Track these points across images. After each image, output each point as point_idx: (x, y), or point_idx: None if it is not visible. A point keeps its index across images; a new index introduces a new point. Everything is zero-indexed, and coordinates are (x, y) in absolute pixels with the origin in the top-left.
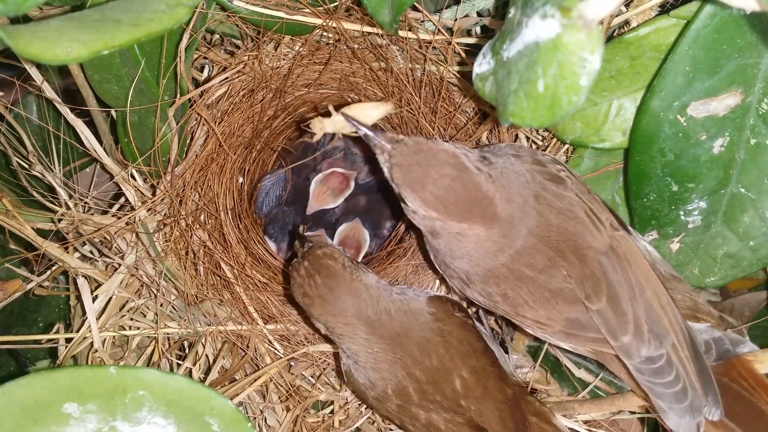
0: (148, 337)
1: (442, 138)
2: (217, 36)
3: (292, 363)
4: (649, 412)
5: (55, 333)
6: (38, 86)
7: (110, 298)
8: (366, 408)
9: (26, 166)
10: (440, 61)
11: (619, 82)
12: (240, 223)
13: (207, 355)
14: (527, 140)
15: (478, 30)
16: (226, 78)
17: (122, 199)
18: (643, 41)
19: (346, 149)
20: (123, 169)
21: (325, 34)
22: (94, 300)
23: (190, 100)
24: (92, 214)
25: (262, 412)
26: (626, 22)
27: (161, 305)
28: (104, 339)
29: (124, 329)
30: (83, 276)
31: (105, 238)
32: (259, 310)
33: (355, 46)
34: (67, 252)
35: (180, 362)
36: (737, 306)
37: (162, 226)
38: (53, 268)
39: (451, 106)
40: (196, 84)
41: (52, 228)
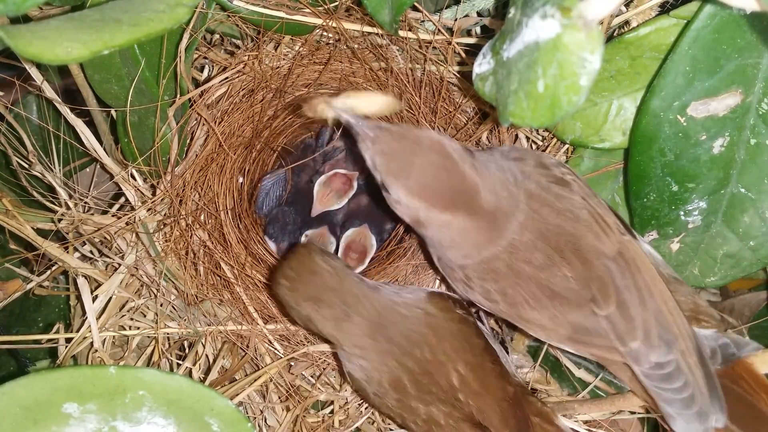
0: (148, 337)
1: None
2: (217, 36)
3: (292, 363)
4: (649, 412)
5: (55, 333)
6: (38, 86)
7: (110, 298)
8: (366, 408)
9: (26, 166)
10: (440, 61)
11: (619, 82)
12: (240, 223)
13: (207, 355)
14: (527, 140)
15: (478, 30)
16: (226, 78)
17: (122, 199)
18: (643, 41)
19: (347, 149)
20: (123, 169)
21: (325, 34)
22: (94, 300)
23: (190, 100)
24: (92, 214)
25: (262, 412)
26: (626, 22)
27: (161, 305)
28: (104, 339)
29: (124, 329)
30: (83, 276)
31: (105, 238)
32: (259, 310)
33: (355, 46)
34: (67, 252)
35: (180, 362)
36: (737, 306)
37: (162, 226)
38: (53, 268)
39: (451, 106)
40: (196, 84)
41: (52, 228)
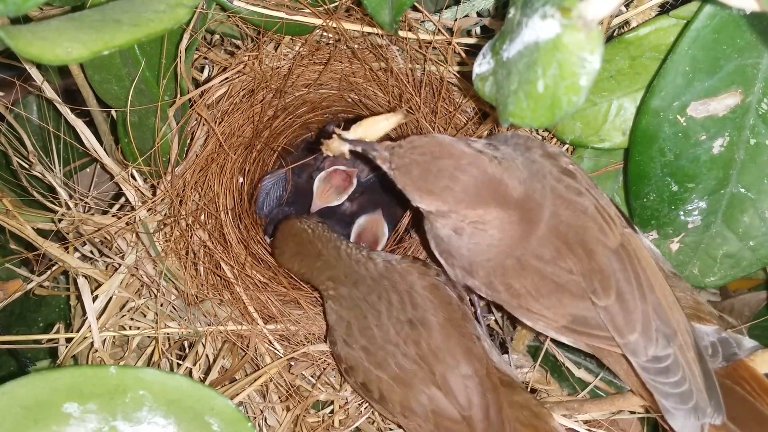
0: (148, 337)
1: None
2: (217, 36)
3: (292, 363)
4: (649, 412)
5: (55, 333)
6: (38, 86)
7: (110, 298)
8: (366, 408)
9: (26, 166)
10: (440, 61)
11: (619, 82)
12: (240, 223)
13: (207, 355)
14: None
15: (478, 30)
16: (226, 78)
17: (122, 199)
18: (643, 41)
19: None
20: (123, 169)
21: (325, 34)
22: (94, 300)
23: (190, 100)
24: (92, 214)
25: (262, 412)
26: (626, 22)
27: (161, 305)
28: (104, 339)
29: (124, 329)
30: (83, 276)
31: (105, 238)
32: (259, 310)
33: (355, 46)
34: (68, 252)
35: (180, 362)
36: (737, 306)
37: (162, 226)
38: (53, 268)
39: (451, 106)
40: (196, 84)
41: (53, 228)
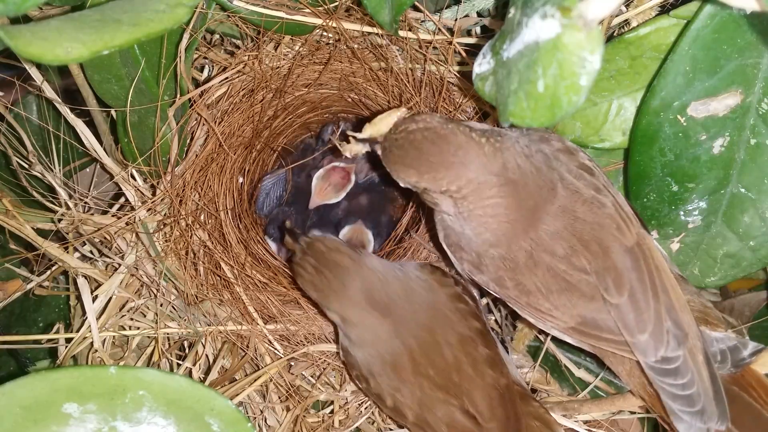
0: (148, 337)
1: None
2: (217, 36)
3: (292, 363)
4: (649, 412)
5: (55, 333)
6: (38, 86)
7: (110, 298)
8: (366, 407)
9: (26, 166)
10: (440, 61)
11: (619, 82)
12: (240, 223)
13: (207, 355)
14: None
15: (478, 30)
16: (226, 78)
17: (122, 199)
18: (643, 41)
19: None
20: (123, 169)
21: (325, 34)
22: (94, 300)
23: (190, 100)
24: (92, 214)
25: (262, 412)
26: (626, 22)
27: (161, 305)
28: (104, 339)
29: (124, 329)
30: (83, 276)
31: (105, 238)
32: (259, 310)
33: (355, 46)
34: (67, 252)
35: (180, 362)
36: (737, 306)
37: (162, 226)
38: (53, 268)
39: (451, 106)
40: (196, 84)
41: (52, 228)
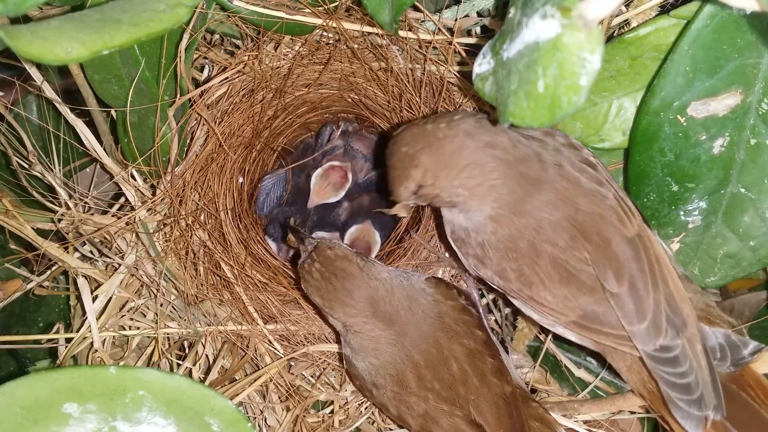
0: (148, 337)
1: None
2: (217, 36)
3: (292, 363)
4: (649, 412)
5: (55, 333)
6: (38, 86)
7: (110, 298)
8: (366, 408)
9: (26, 166)
10: (440, 61)
11: (619, 82)
12: (240, 223)
13: (207, 355)
14: None
15: (478, 30)
16: (226, 78)
17: (122, 199)
18: (643, 41)
19: (346, 146)
20: (123, 169)
21: (325, 34)
22: (94, 300)
23: (190, 100)
24: (92, 214)
25: (262, 412)
26: (626, 22)
27: (161, 305)
28: (104, 339)
29: (124, 329)
30: (83, 276)
31: (105, 238)
32: (259, 310)
33: (355, 46)
34: (67, 252)
35: (180, 362)
36: (737, 306)
37: (162, 226)
38: (53, 268)
39: (451, 106)
40: (196, 84)
41: (52, 228)
